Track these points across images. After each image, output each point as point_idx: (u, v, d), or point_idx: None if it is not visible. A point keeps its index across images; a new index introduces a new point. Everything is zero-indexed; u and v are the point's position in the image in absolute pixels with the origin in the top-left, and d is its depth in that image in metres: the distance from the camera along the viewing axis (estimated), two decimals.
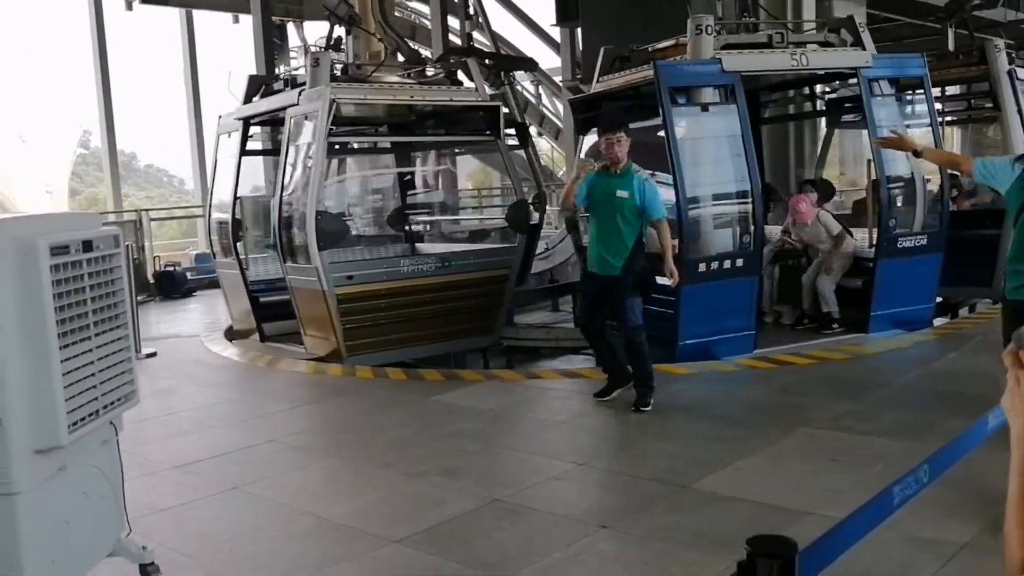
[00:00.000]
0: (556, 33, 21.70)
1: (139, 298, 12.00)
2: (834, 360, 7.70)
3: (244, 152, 10.33)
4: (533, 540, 4.24)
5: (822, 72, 9.24)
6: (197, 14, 22.60)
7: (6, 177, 44.17)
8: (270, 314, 10.05)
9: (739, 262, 7.80)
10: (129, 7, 20.37)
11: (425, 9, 22.71)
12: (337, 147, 10.96)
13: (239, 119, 10.28)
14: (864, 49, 8.37)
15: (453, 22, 20.37)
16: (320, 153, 8.68)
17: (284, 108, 9.35)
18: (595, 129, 8.49)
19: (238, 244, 10.31)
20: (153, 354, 9.33)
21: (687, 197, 7.56)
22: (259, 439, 6.17)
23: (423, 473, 5.27)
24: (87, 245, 3.26)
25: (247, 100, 10.40)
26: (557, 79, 22.19)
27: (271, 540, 4.46)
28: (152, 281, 14.95)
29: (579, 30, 17.94)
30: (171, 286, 14.95)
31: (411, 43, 21.71)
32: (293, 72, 12.26)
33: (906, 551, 3.85)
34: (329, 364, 8.55)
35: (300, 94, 9.10)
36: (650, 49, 8.96)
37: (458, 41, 18.91)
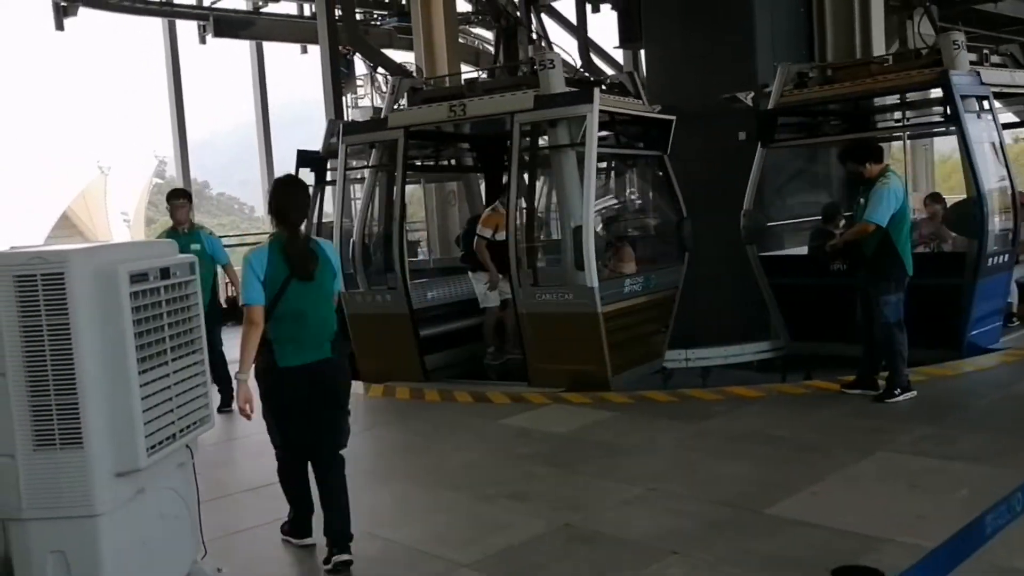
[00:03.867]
0: (619, 55, 21.68)
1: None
2: (911, 382, 7.48)
3: (408, 167, 9.60)
4: (604, 566, 4.19)
5: None
6: (267, 46, 23.16)
7: (86, 205, 45.73)
8: (429, 348, 9.25)
9: (1006, 257, 8.40)
10: (203, 40, 20.96)
11: (488, 35, 22.94)
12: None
13: (398, 127, 9.03)
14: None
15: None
16: (591, 164, 7.95)
17: (498, 114, 8.61)
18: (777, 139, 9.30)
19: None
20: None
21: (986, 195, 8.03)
22: None
23: (492, 496, 5.25)
24: (164, 272, 3.35)
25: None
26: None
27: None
28: (224, 306, 15.28)
29: (642, 52, 17.92)
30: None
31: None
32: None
33: None
34: (407, 385, 8.59)
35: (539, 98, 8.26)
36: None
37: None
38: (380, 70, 14.23)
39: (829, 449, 5.77)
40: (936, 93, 8.65)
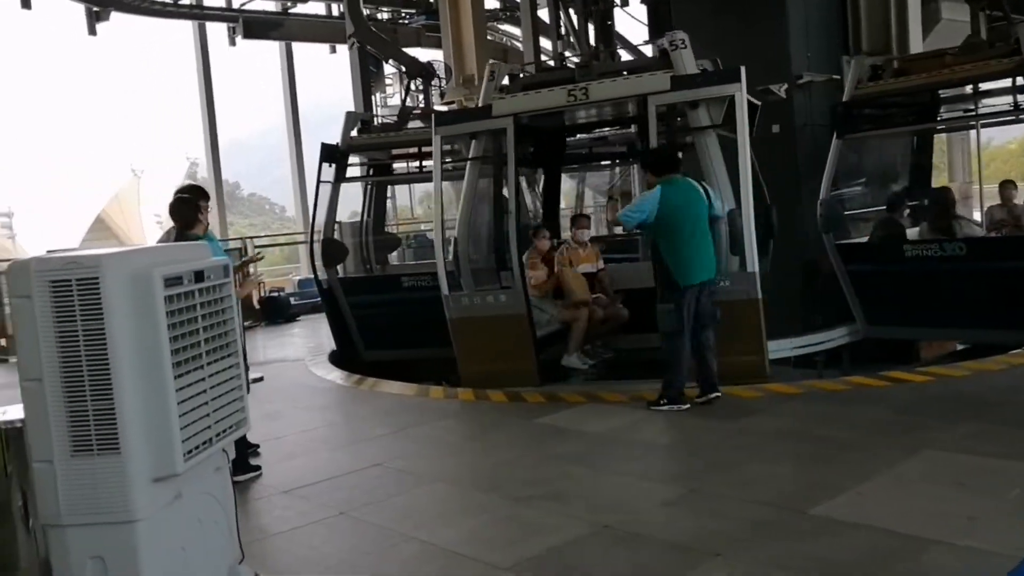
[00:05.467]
0: (648, 50, 21.50)
1: (245, 323, 12.30)
2: (953, 376, 7.33)
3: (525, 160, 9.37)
4: (646, 568, 4.11)
5: None
6: (296, 46, 23.27)
7: (120, 208, 46.30)
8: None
9: None
10: (232, 42, 21.11)
11: (516, 31, 22.87)
12: None
13: (506, 115, 8.49)
14: None
15: (545, 43, 20.39)
16: (745, 145, 7.71)
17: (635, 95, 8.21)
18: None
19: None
20: (260, 379, 9.53)
21: None
22: (365, 463, 6.20)
23: (530, 498, 5.19)
24: (199, 275, 3.31)
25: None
26: None
27: (378, 565, 4.44)
28: (257, 307, 15.35)
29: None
30: (275, 311, 15.34)
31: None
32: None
33: None
34: (431, 387, 8.58)
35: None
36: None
37: (551, 63, 18.90)
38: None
39: (872, 447, 5.64)
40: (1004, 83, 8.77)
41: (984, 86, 9.48)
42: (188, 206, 6.11)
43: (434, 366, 9.79)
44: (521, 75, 9.42)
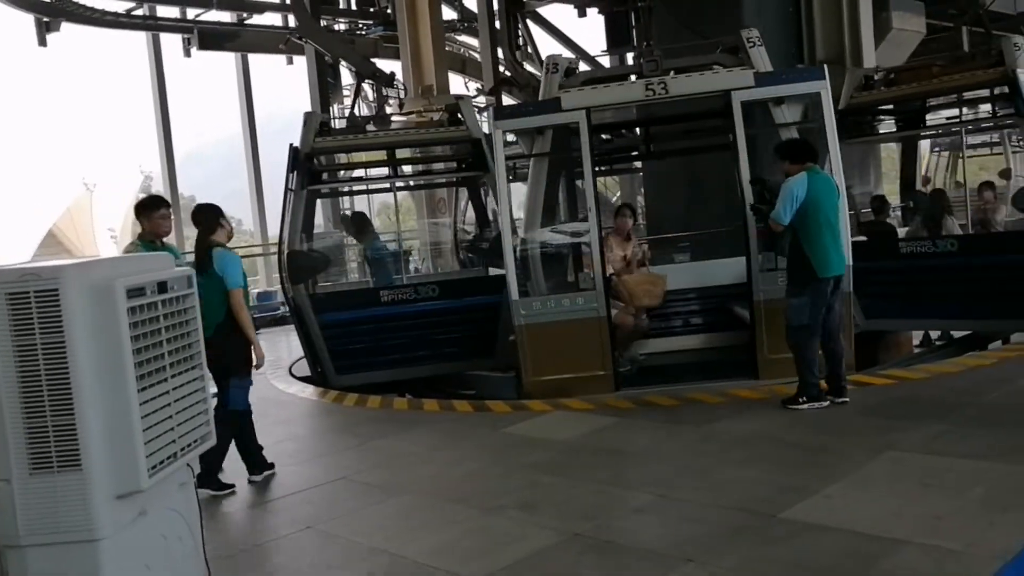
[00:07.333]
0: (606, 61, 21.65)
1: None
2: (914, 380, 7.43)
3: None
4: None
5: None
6: (252, 57, 23.07)
7: (72, 222, 45.47)
8: None
9: None
10: (187, 53, 20.84)
11: (474, 42, 22.87)
12: None
13: (578, 108, 8.13)
14: None
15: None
16: (834, 141, 7.85)
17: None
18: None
19: None
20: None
21: None
22: (331, 476, 6.12)
23: (499, 508, 5.15)
24: (162, 286, 3.24)
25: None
26: None
27: None
28: None
29: (629, 56, 17.86)
30: None
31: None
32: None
33: None
34: (395, 399, 8.51)
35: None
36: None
37: (508, 73, 18.93)
38: (367, 81, 13.99)
39: (840, 450, 5.69)
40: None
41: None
42: (211, 213, 6.23)
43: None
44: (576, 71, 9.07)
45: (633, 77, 8.65)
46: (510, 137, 9.38)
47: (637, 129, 10.94)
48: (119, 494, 3.01)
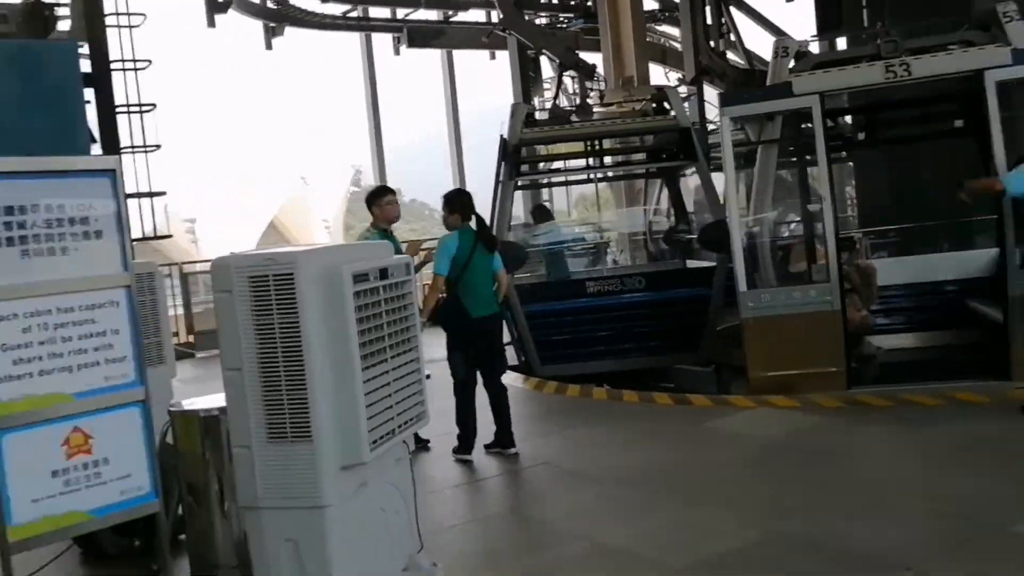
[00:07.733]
0: (815, 47, 20.74)
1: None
2: None
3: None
4: None
5: None
6: (457, 54, 23.82)
7: (289, 214, 48.73)
8: None
9: None
10: (397, 51, 21.77)
11: (674, 31, 22.55)
12: None
13: (810, 93, 7.70)
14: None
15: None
16: None
17: None
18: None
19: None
20: (427, 376, 9.71)
21: None
22: (532, 461, 6.24)
23: (700, 501, 5.09)
24: (383, 272, 3.41)
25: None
26: None
27: (549, 563, 4.46)
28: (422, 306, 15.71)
29: (839, 40, 17.02)
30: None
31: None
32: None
33: None
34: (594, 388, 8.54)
35: None
36: None
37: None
38: (568, 73, 14.09)
39: None
40: None
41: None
42: (468, 198, 6.75)
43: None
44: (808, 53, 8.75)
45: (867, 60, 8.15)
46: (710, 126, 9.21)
47: (849, 117, 10.40)
48: (344, 465, 3.20)
